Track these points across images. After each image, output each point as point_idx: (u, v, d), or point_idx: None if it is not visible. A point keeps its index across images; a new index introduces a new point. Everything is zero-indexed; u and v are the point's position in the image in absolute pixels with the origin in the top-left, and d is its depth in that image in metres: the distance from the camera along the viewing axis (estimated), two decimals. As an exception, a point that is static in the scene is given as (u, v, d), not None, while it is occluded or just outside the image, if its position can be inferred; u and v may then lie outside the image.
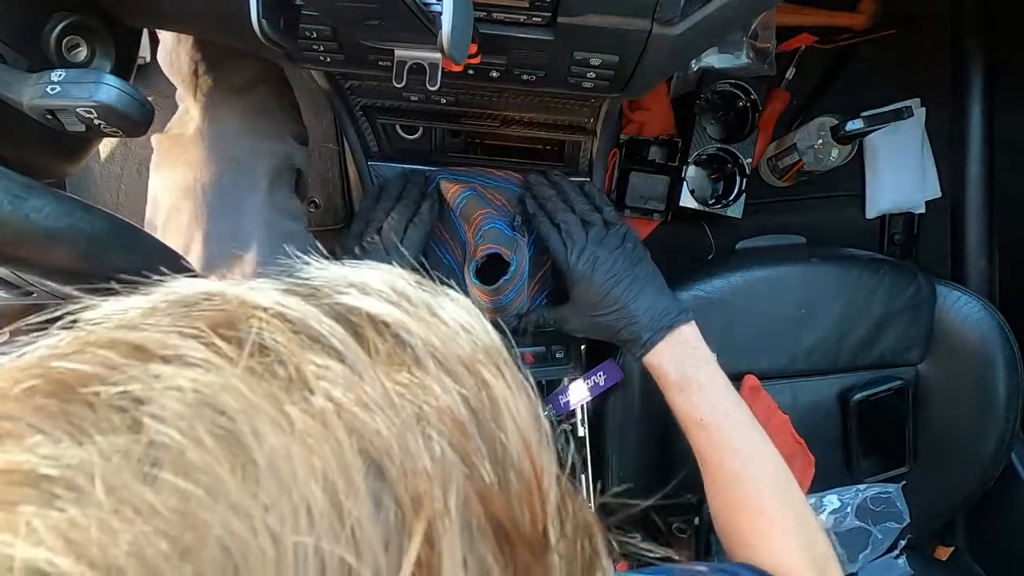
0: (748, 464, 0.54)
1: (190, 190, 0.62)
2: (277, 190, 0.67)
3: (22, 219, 0.30)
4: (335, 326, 0.18)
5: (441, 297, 0.21)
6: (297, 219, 0.70)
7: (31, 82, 0.38)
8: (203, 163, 0.63)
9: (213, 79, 0.65)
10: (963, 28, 1.02)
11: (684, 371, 0.58)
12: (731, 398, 0.57)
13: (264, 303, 0.18)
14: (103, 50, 0.47)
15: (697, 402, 0.57)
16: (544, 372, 0.81)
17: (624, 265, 0.61)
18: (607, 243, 0.61)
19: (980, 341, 0.84)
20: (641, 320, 0.59)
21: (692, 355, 0.58)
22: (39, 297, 0.37)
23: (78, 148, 0.55)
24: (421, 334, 0.19)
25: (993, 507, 0.93)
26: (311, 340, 0.17)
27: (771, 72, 1.02)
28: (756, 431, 0.56)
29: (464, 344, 0.19)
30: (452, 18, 0.35)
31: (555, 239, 0.62)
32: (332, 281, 0.20)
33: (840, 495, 0.90)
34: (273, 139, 0.68)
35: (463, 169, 0.68)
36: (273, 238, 0.65)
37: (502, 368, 0.20)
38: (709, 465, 0.56)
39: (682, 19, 0.44)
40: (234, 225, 0.63)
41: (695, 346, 0.59)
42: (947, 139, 1.05)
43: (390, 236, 0.61)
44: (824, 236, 1.07)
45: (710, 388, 0.57)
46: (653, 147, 0.99)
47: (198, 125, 0.64)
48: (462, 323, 0.20)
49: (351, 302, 0.19)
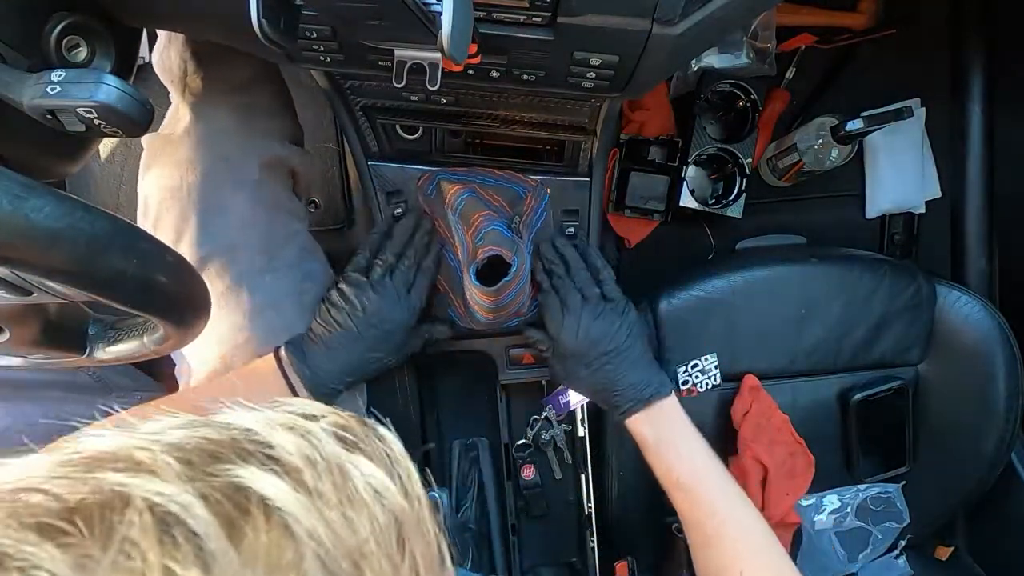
0: (726, 525, 0.56)
1: (177, 190, 0.62)
2: (270, 189, 0.66)
3: (22, 219, 0.30)
4: (211, 524, 0.17)
5: (358, 455, 0.20)
6: (297, 218, 0.69)
7: (31, 82, 0.38)
8: (191, 163, 0.62)
9: (203, 78, 0.64)
10: (963, 28, 1.02)
11: (660, 435, 0.61)
12: (708, 460, 0.59)
13: (139, 494, 0.17)
14: (103, 50, 0.47)
15: (674, 464, 0.59)
16: (544, 372, 0.81)
17: (614, 342, 0.63)
18: (603, 318, 0.63)
19: (980, 341, 0.84)
20: (624, 394, 0.63)
21: (667, 423, 0.62)
22: (39, 297, 0.37)
23: (78, 148, 0.55)
24: (308, 526, 0.18)
25: (993, 507, 0.93)
26: (182, 538, 0.16)
27: (771, 72, 1.02)
28: (735, 492, 0.58)
29: (363, 525, 0.19)
30: (452, 18, 0.35)
31: (553, 309, 0.64)
32: (238, 442, 0.19)
33: (840, 495, 0.90)
34: (265, 138, 0.67)
35: (463, 169, 0.68)
36: (271, 237, 0.65)
37: (408, 544, 0.19)
38: (689, 525, 0.58)
39: (682, 19, 0.44)
40: (224, 225, 0.62)
41: (671, 416, 0.62)
42: (947, 139, 1.05)
43: (400, 282, 0.63)
44: (824, 236, 1.07)
45: (687, 451, 0.60)
46: (653, 147, 0.99)
47: (186, 125, 0.64)
48: (376, 487, 0.20)
49: (246, 480, 0.18)
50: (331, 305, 0.62)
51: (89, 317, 0.49)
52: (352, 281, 0.63)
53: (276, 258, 0.65)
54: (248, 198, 0.64)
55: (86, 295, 0.36)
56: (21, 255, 0.31)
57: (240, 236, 0.63)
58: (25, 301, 0.38)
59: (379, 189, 0.69)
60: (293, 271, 0.66)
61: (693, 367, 0.84)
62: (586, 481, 0.85)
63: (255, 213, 0.64)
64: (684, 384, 0.85)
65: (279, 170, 0.68)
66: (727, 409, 0.85)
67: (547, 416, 0.89)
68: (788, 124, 1.05)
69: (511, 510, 0.90)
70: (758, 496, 0.83)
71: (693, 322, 0.83)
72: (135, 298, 0.37)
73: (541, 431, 0.92)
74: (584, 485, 0.85)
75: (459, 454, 0.92)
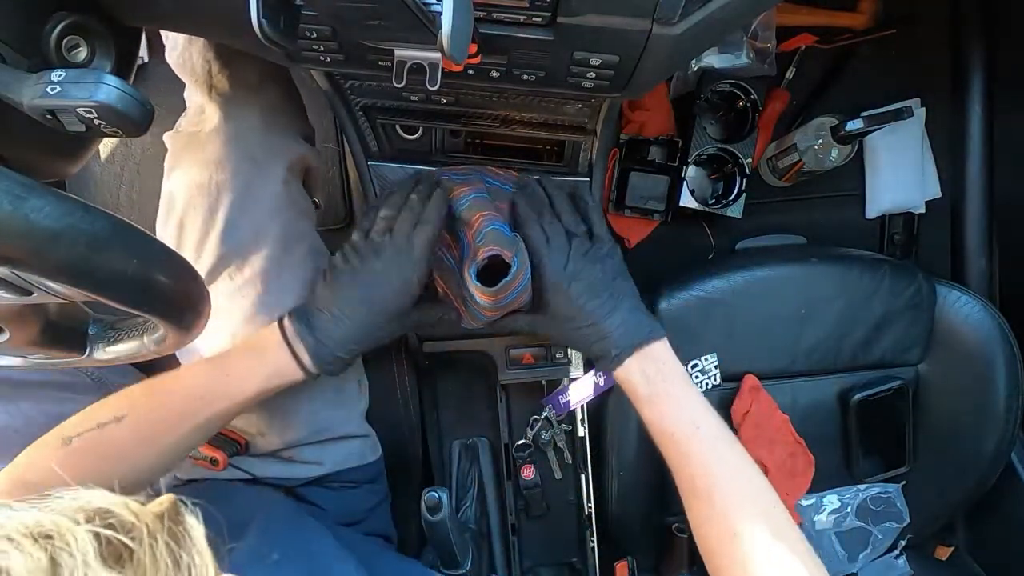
0: (720, 481, 0.52)
1: (205, 188, 0.63)
2: (292, 187, 0.68)
3: (22, 219, 0.30)
4: None
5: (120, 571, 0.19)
6: (308, 217, 0.71)
7: (31, 82, 0.38)
8: (220, 161, 0.63)
9: (229, 77, 0.65)
10: (963, 28, 1.02)
11: (654, 385, 0.56)
12: (704, 412, 0.55)
13: None
14: (103, 50, 0.47)
15: (667, 414, 0.55)
16: (544, 372, 0.81)
17: (602, 280, 0.59)
18: (589, 256, 0.60)
19: (980, 341, 0.84)
20: (612, 336, 0.58)
21: (662, 370, 0.57)
22: (39, 297, 0.37)
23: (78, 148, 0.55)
24: None
25: (993, 507, 0.93)
26: None
27: (771, 72, 1.02)
28: (731, 446, 0.54)
29: None
30: (452, 18, 0.35)
31: (539, 245, 0.60)
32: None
33: (840, 495, 0.90)
34: (289, 137, 0.68)
35: (464, 168, 0.68)
36: (287, 236, 0.66)
37: None
38: (682, 481, 0.54)
39: (682, 19, 0.44)
40: (249, 223, 0.63)
41: (665, 361, 0.58)
42: (947, 139, 1.05)
43: (401, 237, 0.58)
44: (824, 236, 1.07)
45: (681, 401, 0.56)
46: (653, 147, 0.99)
47: (216, 123, 0.65)
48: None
49: None
50: (333, 269, 0.60)
51: (89, 317, 0.49)
52: (352, 244, 0.60)
53: (290, 254, 0.66)
54: (273, 196, 0.65)
55: (86, 295, 0.36)
56: (21, 255, 0.31)
57: (261, 233, 0.64)
58: (25, 301, 0.38)
59: (379, 189, 0.69)
60: (305, 268, 0.67)
61: (693, 367, 0.84)
62: (586, 481, 0.85)
63: (278, 211, 0.65)
64: (684, 384, 0.85)
65: (298, 169, 0.70)
66: (727, 409, 0.85)
67: (547, 416, 0.89)
68: (788, 124, 1.05)
69: (511, 510, 0.90)
70: (758, 496, 0.83)
71: (693, 322, 0.83)
72: (135, 298, 0.37)
73: (541, 431, 0.92)
74: (584, 485, 0.85)
75: (459, 454, 0.92)
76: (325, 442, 0.71)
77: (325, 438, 0.71)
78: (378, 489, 0.79)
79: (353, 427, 0.74)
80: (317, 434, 0.70)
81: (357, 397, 0.76)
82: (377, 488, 0.79)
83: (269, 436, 0.68)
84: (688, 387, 0.57)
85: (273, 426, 0.67)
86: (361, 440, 0.76)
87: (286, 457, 0.70)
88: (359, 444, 0.75)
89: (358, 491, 0.75)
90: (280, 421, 0.67)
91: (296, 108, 0.73)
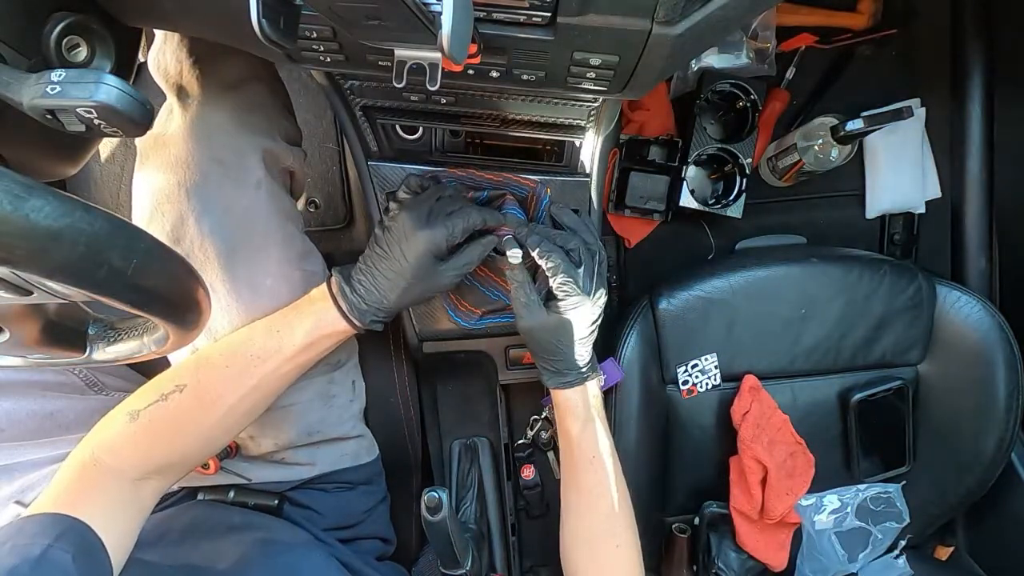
0: (622, 500, 0.65)
1: (173, 194, 0.61)
2: (269, 190, 0.65)
3: (22, 219, 0.30)
4: None
5: None
6: (291, 220, 0.68)
7: (31, 82, 0.38)
8: (187, 164, 0.61)
9: (200, 77, 0.63)
10: (963, 28, 1.02)
11: (590, 413, 0.66)
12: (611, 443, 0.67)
13: None
14: (103, 50, 0.47)
15: (596, 440, 0.65)
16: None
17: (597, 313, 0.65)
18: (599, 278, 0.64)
19: (980, 341, 0.84)
20: (574, 365, 0.65)
21: (596, 400, 0.67)
22: (39, 297, 0.37)
23: (78, 148, 0.55)
24: None
25: (993, 507, 0.93)
26: None
27: (771, 72, 1.02)
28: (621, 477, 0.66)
29: None
30: (452, 18, 0.35)
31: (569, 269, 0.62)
32: None
33: (840, 495, 0.90)
34: (263, 136, 0.65)
35: (461, 172, 0.68)
36: (268, 241, 0.64)
37: None
38: (593, 496, 0.65)
39: (682, 19, 0.44)
40: (222, 227, 0.61)
41: (597, 395, 0.67)
42: (947, 139, 1.05)
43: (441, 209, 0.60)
44: (824, 236, 1.08)
45: (602, 433, 0.66)
46: (653, 147, 0.99)
47: (180, 124, 0.62)
48: None
49: None
50: (380, 227, 0.62)
51: (89, 317, 0.49)
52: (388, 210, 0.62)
53: (269, 259, 0.64)
54: (248, 198, 0.63)
55: (86, 295, 0.36)
56: (21, 255, 0.31)
57: (240, 238, 0.62)
58: (25, 301, 0.38)
59: (379, 189, 0.69)
60: (291, 271, 0.65)
61: (693, 367, 0.84)
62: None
63: (255, 214, 0.63)
64: (684, 384, 0.85)
65: (277, 171, 0.68)
66: (727, 409, 0.85)
67: (547, 416, 0.89)
68: (788, 124, 1.05)
69: (511, 510, 0.90)
70: (758, 496, 0.83)
71: (693, 322, 0.83)
72: (135, 298, 0.37)
73: (541, 431, 0.92)
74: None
75: (459, 454, 0.92)
76: (317, 443, 0.71)
77: (317, 440, 0.70)
78: (375, 491, 0.79)
79: (347, 428, 0.74)
80: (309, 436, 0.69)
81: (351, 398, 0.75)
82: (374, 490, 0.78)
83: (260, 439, 0.68)
84: (604, 423, 0.67)
85: (264, 429, 0.67)
86: (355, 441, 0.75)
87: (278, 460, 0.69)
88: (353, 445, 0.75)
89: (353, 493, 0.75)
90: (271, 424, 0.67)
91: (279, 109, 0.70)
